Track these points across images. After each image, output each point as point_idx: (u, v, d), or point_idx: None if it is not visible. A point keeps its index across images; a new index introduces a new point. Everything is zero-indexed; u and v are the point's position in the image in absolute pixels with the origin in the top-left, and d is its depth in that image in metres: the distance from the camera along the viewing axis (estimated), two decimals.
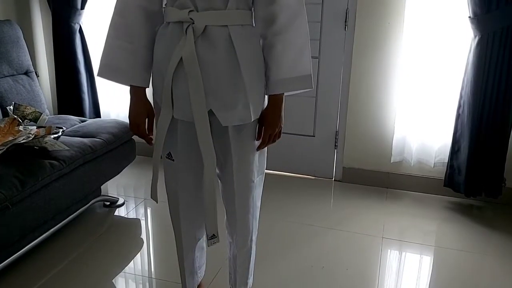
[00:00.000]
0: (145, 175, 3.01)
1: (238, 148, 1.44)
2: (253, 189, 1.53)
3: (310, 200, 2.76)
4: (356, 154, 2.91)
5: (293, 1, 1.37)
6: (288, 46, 1.38)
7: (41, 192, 1.94)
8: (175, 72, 1.34)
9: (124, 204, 2.64)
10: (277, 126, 1.45)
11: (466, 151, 2.49)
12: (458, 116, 2.52)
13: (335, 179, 3.03)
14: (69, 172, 2.10)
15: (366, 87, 2.79)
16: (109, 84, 3.13)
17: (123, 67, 1.39)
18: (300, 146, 3.03)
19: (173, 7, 1.34)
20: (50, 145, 2.07)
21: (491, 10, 2.27)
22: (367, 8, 2.67)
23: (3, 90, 2.49)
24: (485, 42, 2.32)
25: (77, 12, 2.90)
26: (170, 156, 1.49)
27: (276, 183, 2.91)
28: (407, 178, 2.84)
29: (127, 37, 1.37)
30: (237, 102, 1.36)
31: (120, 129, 2.49)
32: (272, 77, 1.40)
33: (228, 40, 1.32)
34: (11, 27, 2.60)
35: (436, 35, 2.54)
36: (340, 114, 2.91)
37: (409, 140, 2.73)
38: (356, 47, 2.75)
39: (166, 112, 1.39)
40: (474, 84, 2.38)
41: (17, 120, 2.33)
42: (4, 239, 1.82)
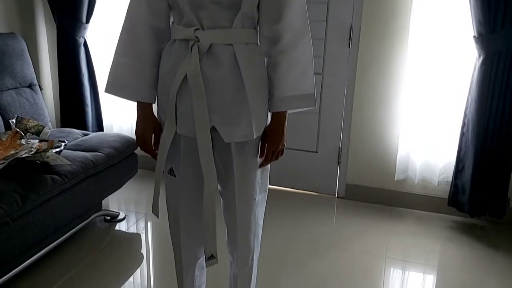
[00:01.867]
0: (147, 189, 3.00)
1: (241, 165, 1.43)
2: (255, 207, 1.52)
3: (313, 217, 2.73)
4: (359, 171, 2.90)
5: (298, 21, 1.38)
6: (293, 65, 1.39)
7: (42, 208, 1.93)
8: (180, 89, 1.34)
9: (125, 219, 2.62)
10: (280, 143, 1.45)
11: (470, 170, 2.47)
12: (462, 134, 2.51)
13: (338, 196, 3.01)
14: (71, 187, 2.09)
15: (369, 104, 2.78)
16: (113, 98, 3.16)
17: (130, 84, 1.39)
18: (302, 162, 3.01)
19: (180, 25, 1.35)
20: (52, 159, 2.06)
21: (496, 31, 2.27)
22: (372, 26, 2.67)
23: (6, 103, 2.49)
24: (489, 62, 2.32)
25: (82, 26, 2.91)
26: (172, 171, 1.48)
27: (278, 199, 2.89)
28: (411, 196, 2.82)
29: (134, 54, 1.38)
30: (240, 119, 1.36)
31: (123, 143, 2.49)
32: (275, 94, 1.40)
33: (232, 58, 1.33)
34: (16, 40, 2.61)
35: (440, 53, 2.54)
36: (343, 130, 2.91)
37: (413, 158, 2.71)
38: (360, 64, 2.75)
39: (169, 128, 1.39)
40: (478, 103, 2.37)
41: (20, 134, 2.32)
42: (4, 254, 1.80)
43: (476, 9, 2.29)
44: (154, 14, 1.37)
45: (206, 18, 1.31)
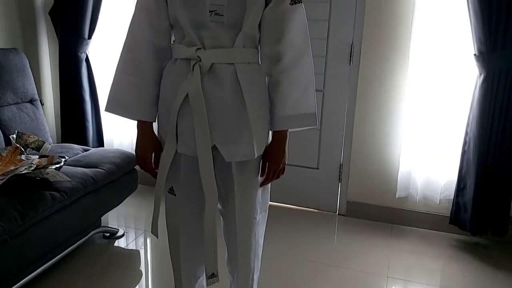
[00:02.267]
0: (146, 205, 2.98)
1: (241, 184, 1.43)
2: (255, 226, 1.51)
3: (313, 234, 2.71)
4: (360, 188, 2.88)
5: (299, 41, 1.38)
6: (294, 84, 1.39)
7: (41, 225, 1.91)
8: (181, 108, 1.34)
9: (124, 235, 2.60)
10: (281, 162, 1.44)
11: (472, 188, 2.46)
12: (463, 152, 2.50)
13: (339, 213, 2.99)
14: (70, 203, 2.07)
15: (370, 120, 2.78)
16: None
17: (131, 102, 1.39)
18: (303, 178, 3.00)
19: (181, 44, 1.35)
20: (51, 176, 2.05)
21: (496, 49, 2.28)
22: (372, 44, 2.68)
23: (7, 119, 2.49)
24: (490, 80, 2.32)
25: (84, 41, 2.92)
26: (172, 190, 1.48)
27: (279, 216, 2.87)
28: (413, 214, 2.80)
29: (135, 72, 1.38)
30: (241, 138, 1.35)
31: (123, 159, 2.48)
32: (277, 113, 1.40)
33: (234, 77, 1.33)
34: (17, 56, 2.62)
35: (441, 71, 2.54)
36: (344, 147, 2.90)
37: (415, 175, 2.70)
38: (361, 81, 2.75)
39: (170, 147, 1.39)
40: (479, 121, 2.37)
41: (20, 149, 2.31)
42: (2, 272, 1.78)
43: (476, 27, 2.30)
44: (156, 32, 1.38)
45: (207, 37, 1.31)
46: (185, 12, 1.31)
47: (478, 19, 2.28)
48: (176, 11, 1.33)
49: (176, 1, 1.32)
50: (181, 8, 1.31)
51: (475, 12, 2.28)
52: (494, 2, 2.23)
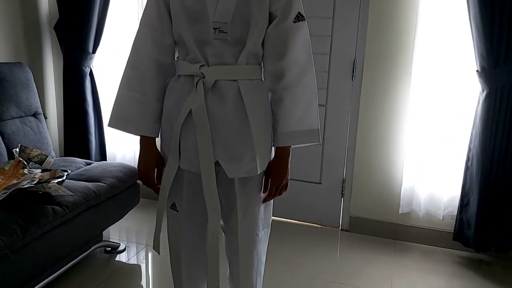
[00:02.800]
0: (148, 219, 2.97)
1: (244, 200, 1.42)
2: (257, 243, 1.50)
3: (316, 250, 2.69)
4: (363, 203, 2.87)
5: (302, 57, 1.39)
6: (297, 100, 1.39)
7: (42, 239, 1.90)
8: (184, 124, 1.34)
9: (125, 250, 2.59)
10: (284, 178, 1.44)
11: (475, 205, 2.44)
12: (467, 169, 2.49)
13: (342, 229, 2.97)
14: (72, 218, 2.06)
15: (373, 136, 2.78)
16: None
17: (134, 118, 1.40)
18: (306, 193, 2.99)
19: (185, 61, 1.36)
20: (53, 190, 2.05)
21: (499, 65, 2.29)
22: (375, 59, 2.69)
23: (10, 132, 2.49)
24: (493, 96, 2.33)
25: (89, 56, 2.95)
26: (174, 206, 1.47)
27: (281, 231, 2.85)
28: (416, 230, 2.78)
29: (139, 89, 1.39)
30: (244, 155, 1.35)
31: (125, 173, 2.48)
32: (280, 129, 1.40)
33: (237, 94, 1.34)
34: (22, 70, 2.64)
35: (444, 87, 2.54)
36: (347, 162, 2.89)
37: (418, 191, 2.69)
38: (364, 97, 2.76)
39: (172, 163, 1.39)
40: (482, 137, 2.37)
41: (22, 163, 2.32)
42: (3, 287, 1.77)
43: (479, 43, 2.31)
44: (160, 49, 1.39)
45: (211, 54, 1.32)
46: (189, 29, 1.32)
47: (480, 35, 2.29)
48: (180, 28, 1.34)
49: (180, 19, 1.33)
50: (185, 26, 1.32)
51: (477, 28, 2.29)
52: (496, 18, 2.24)
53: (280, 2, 1.34)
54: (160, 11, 1.37)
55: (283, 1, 1.35)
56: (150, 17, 1.39)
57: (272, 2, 1.34)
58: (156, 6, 1.38)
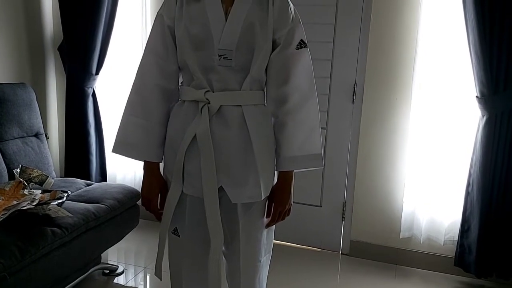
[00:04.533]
0: (147, 241, 2.95)
1: (247, 226, 1.42)
2: (259, 269, 1.49)
3: (316, 274, 2.66)
4: (364, 227, 2.86)
5: (305, 83, 1.42)
6: (299, 125, 1.41)
7: (41, 262, 1.88)
8: (188, 149, 1.35)
9: (124, 272, 2.56)
10: (287, 203, 1.45)
11: (476, 230, 2.43)
12: (467, 194, 2.49)
13: (342, 253, 2.95)
14: (71, 240, 2.05)
15: (374, 159, 2.78)
16: None
17: (138, 143, 1.40)
18: (306, 216, 2.97)
19: (190, 87, 1.38)
20: (53, 212, 2.04)
21: (498, 92, 2.31)
22: (375, 83, 2.72)
23: (11, 152, 2.49)
24: (493, 122, 2.34)
25: (92, 77, 2.97)
26: (176, 231, 1.47)
27: (281, 254, 2.83)
28: (417, 255, 2.76)
29: (143, 114, 1.40)
30: (248, 180, 1.36)
31: (125, 194, 2.47)
32: (282, 154, 1.41)
33: (241, 119, 1.35)
34: (25, 90, 2.65)
35: (444, 112, 2.56)
36: (347, 185, 2.89)
37: (418, 216, 2.68)
38: (364, 120, 2.78)
39: (175, 187, 1.39)
40: (483, 163, 2.37)
41: (23, 184, 2.31)
42: None
43: (478, 70, 2.34)
44: (164, 75, 1.40)
45: (216, 80, 1.34)
46: (194, 56, 1.34)
47: (479, 61, 2.32)
48: (186, 55, 1.36)
49: (185, 46, 1.35)
50: (190, 52, 1.34)
51: (477, 55, 2.32)
52: (495, 45, 2.27)
53: (284, 30, 1.37)
54: (165, 38, 1.39)
55: (286, 29, 1.38)
56: (155, 43, 1.41)
57: (276, 30, 1.36)
58: (161, 33, 1.40)
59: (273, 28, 1.36)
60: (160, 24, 1.40)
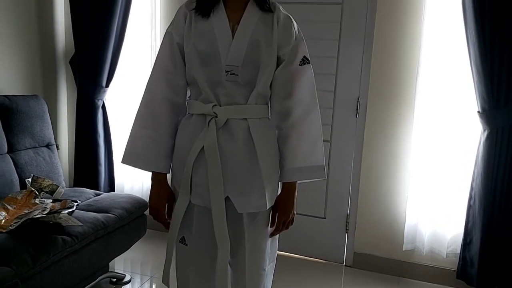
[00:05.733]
0: (154, 251, 2.99)
1: (252, 235, 1.47)
2: (264, 278, 1.53)
3: (319, 286, 2.70)
4: (367, 239, 2.89)
5: (307, 97, 1.48)
6: (302, 138, 1.47)
7: (51, 269, 1.93)
8: (196, 160, 1.40)
9: (131, 281, 2.60)
10: (291, 213, 1.50)
11: (478, 243, 2.46)
12: (469, 207, 2.52)
13: (346, 264, 2.98)
14: (80, 248, 2.10)
15: (377, 172, 2.83)
16: None
17: (147, 155, 1.46)
18: (310, 228, 3.01)
19: (197, 101, 1.44)
20: (64, 220, 2.09)
21: (499, 107, 2.36)
22: (378, 98, 2.78)
23: (23, 162, 2.56)
24: (494, 137, 2.38)
25: (102, 89, 3.05)
26: (183, 240, 1.51)
27: (284, 265, 2.86)
28: (420, 267, 2.79)
29: (152, 127, 1.46)
30: (253, 190, 1.41)
31: (133, 204, 2.52)
32: (286, 165, 1.46)
33: (247, 131, 1.41)
34: (38, 102, 2.73)
35: (446, 126, 2.61)
36: (351, 197, 2.93)
37: (421, 229, 2.71)
38: (367, 134, 2.83)
39: (183, 198, 1.44)
40: (484, 176, 2.41)
41: (34, 193, 2.38)
42: None
43: (479, 85, 2.39)
44: (173, 90, 1.46)
45: (223, 95, 1.40)
46: (202, 71, 1.40)
47: (480, 77, 2.37)
48: (194, 70, 1.42)
49: (194, 61, 1.41)
50: (198, 68, 1.41)
51: (478, 71, 2.37)
52: (496, 61, 2.32)
53: (287, 47, 1.44)
54: (174, 55, 1.46)
55: (290, 46, 1.44)
56: (164, 59, 1.47)
57: (280, 47, 1.43)
58: (170, 49, 1.46)
59: (277, 45, 1.42)
60: (169, 41, 1.47)
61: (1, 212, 2.21)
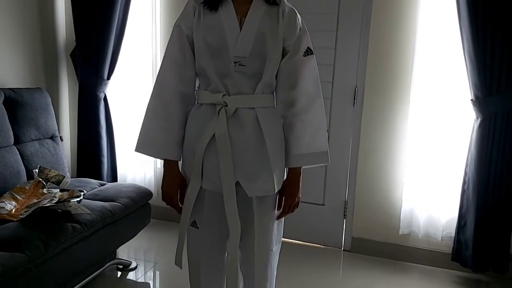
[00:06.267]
0: (157, 239, 3.07)
1: (260, 218, 1.54)
2: (271, 258, 1.61)
3: (319, 270, 2.78)
4: (365, 225, 2.98)
5: (311, 87, 1.55)
6: (306, 126, 1.54)
7: (62, 255, 2.00)
8: (206, 147, 1.47)
9: (137, 268, 2.68)
10: (296, 196, 1.58)
11: (472, 226, 2.55)
12: (463, 192, 2.61)
13: (344, 249, 3.07)
14: (89, 235, 2.17)
15: (374, 159, 2.91)
16: (128, 149, 3.29)
17: (159, 143, 1.52)
18: (309, 215, 3.10)
19: (207, 91, 1.50)
20: (73, 208, 2.16)
21: (492, 94, 2.44)
22: (375, 87, 2.85)
23: (29, 154, 2.62)
24: (487, 123, 2.47)
25: (103, 82, 3.09)
26: (195, 224, 1.58)
27: (285, 251, 2.90)
28: (416, 251, 2.89)
29: (164, 116, 1.52)
30: (262, 175, 1.49)
31: (138, 193, 2.59)
32: (292, 152, 1.54)
33: (255, 120, 1.48)
34: (42, 95, 2.78)
35: (440, 114, 2.69)
36: (349, 184, 3.02)
37: (417, 213, 2.81)
38: (364, 122, 2.91)
39: (195, 183, 1.51)
40: (478, 162, 2.50)
41: (42, 183, 2.44)
42: None
43: (472, 74, 2.47)
44: (182, 81, 1.52)
45: (231, 85, 1.46)
46: (211, 63, 1.47)
47: (473, 66, 2.45)
48: (203, 62, 1.48)
49: (203, 53, 1.48)
50: (208, 60, 1.47)
51: (471, 60, 2.45)
52: (488, 51, 2.40)
53: (292, 39, 1.51)
54: (183, 47, 1.52)
55: (295, 38, 1.51)
56: (173, 52, 1.53)
57: (285, 39, 1.50)
58: (179, 42, 1.52)
59: (282, 37, 1.49)
60: (178, 34, 1.53)
61: (11, 201, 2.27)
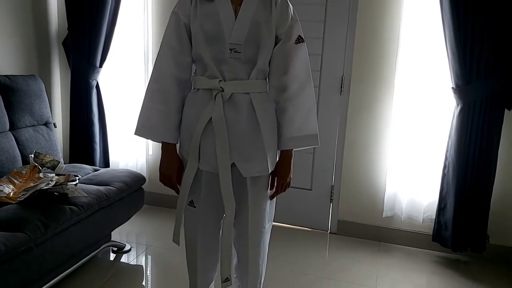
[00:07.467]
0: (150, 223, 3.15)
1: (254, 197, 1.64)
2: (264, 235, 1.72)
3: (307, 251, 2.90)
4: (350, 208, 3.10)
5: (302, 73, 1.64)
6: (298, 110, 1.63)
7: (61, 235, 2.07)
8: (203, 130, 1.55)
9: (131, 250, 2.76)
10: (288, 177, 1.68)
11: (451, 208, 2.69)
12: (444, 176, 2.74)
13: (331, 232, 3.20)
14: (86, 217, 2.24)
15: (359, 145, 3.03)
16: (120, 136, 3.34)
17: (158, 127, 1.60)
18: (297, 199, 3.21)
19: (203, 77, 1.58)
20: (70, 191, 2.23)
21: (471, 82, 2.56)
22: (361, 76, 2.96)
23: (24, 139, 2.67)
24: (466, 110, 2.59)
25: (96, 69, 3.14)
26: (192, 203, 1.67)
27: (275, 234, 2.99)
28: (398, 232, 3.02)
29: (162, 101, 1.60)
30: (256, 156, 1.58)
31: (132, 178, 2.66)
32: (284, 135, 1.63)
33: (249, 104, 1.56)
34: (36, 81, 2.82)
35: (423, 102, 2.81)
36: (335, 170, 3.13)
37: (400, 197, 2.93)
38: (350, 110, 3.01)
39: (192, 165, 1.59)
40: (457, 147, 2.63)
41: (37, 168, 2.50)
42: (25, 279, 1.93)
43: (453, 63, 2.59)
44: (180, 67, 1.60)
45: (227, 71, 1.55)
46: (208, 50, 1.54)
47: (454, 56, 2.56)
48: (200, 49, 1.56)
49: (200, 40, 1.55)
50: (204, 47, 1.55)
51: (452, 50, 2.57)
52: (468, 41, 2.52)
53: (284, 27, 1.59)
54: (180, 34, 1.59)
55: (286, 26, 1.60)
56: (171, 39, 1.60)
57: (278, 27, 1.58)
58: (176, 29, 1.59)
59: (275, 25, 1.57)
60: (176, 21, 1.59)
61: (8, 185, 2.33)
